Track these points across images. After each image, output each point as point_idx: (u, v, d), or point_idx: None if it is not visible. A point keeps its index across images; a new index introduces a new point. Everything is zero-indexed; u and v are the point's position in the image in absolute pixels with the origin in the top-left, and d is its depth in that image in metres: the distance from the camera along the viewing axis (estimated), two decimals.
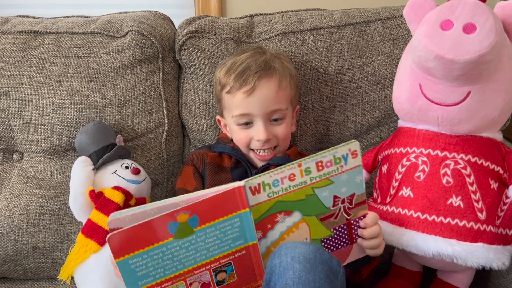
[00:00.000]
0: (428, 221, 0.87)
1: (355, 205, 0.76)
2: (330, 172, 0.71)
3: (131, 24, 1.10)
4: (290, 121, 0.99)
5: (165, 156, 1.13)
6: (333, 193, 0.73)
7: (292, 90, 0.97)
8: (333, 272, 0.67)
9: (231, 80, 0.94)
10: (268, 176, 0.69)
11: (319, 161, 0.70)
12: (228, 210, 0.66)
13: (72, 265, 0.90)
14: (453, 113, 0.88)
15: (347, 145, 0.71)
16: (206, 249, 0.67)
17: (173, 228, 0.63)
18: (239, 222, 0.67)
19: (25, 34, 1.11)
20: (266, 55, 0.98)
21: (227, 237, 0.68)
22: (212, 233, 0.66)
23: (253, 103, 0.92)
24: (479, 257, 0.84)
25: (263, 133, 0.93)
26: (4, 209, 1.03)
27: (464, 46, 0.80)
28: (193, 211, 0.63)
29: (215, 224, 0.66)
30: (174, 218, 0.62)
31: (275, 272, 0.66)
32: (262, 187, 0.69)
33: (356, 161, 0.72)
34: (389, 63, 1.10)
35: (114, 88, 1.08)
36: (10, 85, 1.07)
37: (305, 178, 0.70)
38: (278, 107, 0.93)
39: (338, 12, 1.16)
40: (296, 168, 0.69)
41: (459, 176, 0.88)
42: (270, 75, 0.93)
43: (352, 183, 0.74)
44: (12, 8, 1.60)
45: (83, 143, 1.00)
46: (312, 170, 0.70)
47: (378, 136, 1.12)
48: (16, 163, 1.10)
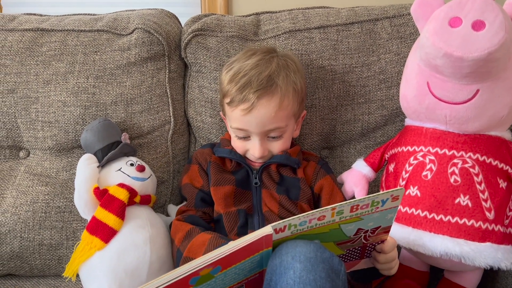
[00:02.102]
0: (435, 221, 0.87)
1: (377, 234, 0.73)
2: (363, 212, 0.68)
3: (138, 22, 1.10)
4: (290, 134, 0.97)
5: (171, 154, 1.13)
6: (358, 227, 0.70)
7: (294, 105, 0.94)
8: (334, 271, 0.66)
9: (232, 92, 0.91)
10: (297, 219, 0.65)
11: (355, 205, 0.66)
12: (252, 253, 0.65)
13: (77, 262, 0.90)
14: (461, 112, 0.87)
15: (391, 192, 0.67)
16: (222, 284, 0.65)
17: (194, 281, 0.61)
18: (259, 257, 0.66)
19: (32, 31, 1.11)
20: (272, 65, 0.92)
21: (245, 271, 0.67)
22: (232, 272, 0.65)
23: (250, 122, 0.91)
24: (487, 257, 0.83)
25: (258, 150, 0.93)
26: (11, 206, 1.03)
27: (473, 44, 0.79)
28: (217, 264, 0.61)
29: (236, 266, 0.64)
30: (197, 274, 0.60)
31: (276, 272, 0.65)
32: (288, 227, 0.66)
33: (394, 204, 0.68)
34: (397, 61, 1.09)
35: (120, 86, 1.08)
36: (17, 82, 1.07)
37: (335, 217, 0.67)
38: (276, 126, 0.92)
39: (345, 10, 1.16)
40: (329, 211, 0.65)
41: (467, 175, 0.87)
42: (271, 93, 0.89)
43: (381, 219, 0.70)
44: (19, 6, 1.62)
45: (89, 140, 1.00)
46: (345, 211, 0.66)
47: (385, 135, 1.12)
48: (23, 160, 1.10)
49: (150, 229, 0.93)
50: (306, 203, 0.95)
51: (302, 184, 0.95)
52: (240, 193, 0.95)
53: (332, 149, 1.15)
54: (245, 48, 1.08)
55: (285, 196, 0.94)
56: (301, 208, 0.94)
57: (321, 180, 0.97)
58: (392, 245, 0.76)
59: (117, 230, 0.90)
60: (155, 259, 0.90)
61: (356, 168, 1.04)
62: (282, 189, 0.95)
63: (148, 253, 0.90)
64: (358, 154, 1.12)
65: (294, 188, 0.95)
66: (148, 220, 0.95)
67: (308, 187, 0.96)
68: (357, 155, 1.12)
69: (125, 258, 0.88)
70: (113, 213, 0.90)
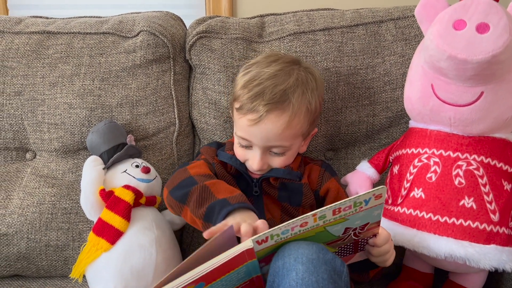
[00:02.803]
0: (440, 223, 0.87)
1: (367, 229, 0.73)
2: (347, 214, 0.67)
3: (143, 24, 1.11)
4: (294, 152, 0.93)
5: (176, 156, 1.14)
6: (345, 226, 0.70)
7: (304, 125, 0.89)
8: (336, 272, 0.66)
9: (243, 99, 0.87)
10: (278, 229, 0.65)
11: (336, 208, 0.65)
12: (234, 266, 0.64)
13: (83, 264, 0.91)
14: (466, 114, 0.87)
15: (372, 192, 0.66)
16: None
17: None
18: (245, 268, 0.66)
19: (38, 34, 1.12)
20: (291, 79, 0.87)
21: (232, 282, 0.66)
22: (218, 285, 0.64)
23: (254, 133, 0.87)
24: (492, 259, 0.83)
25: (256, 163, 0.89)
26: (18, 207, 1.04)
27: (477, 46, 0.79)
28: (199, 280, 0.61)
29: (221, 279, 0.64)
30: None
31: (278, 273, 0.65)
32: (270, 237, 0.66)
33: (379, 201, 0.67)
34: (402, 63, 1.09)
35: (126, 88, 1.09)
36: (23, 84, 1.08)
37: (318, 222, 0.66)
38: (280, 144, 0.88)
39: (350, 12, 1.16)
40: (310, 217, 0.65)
41: (471, 177, 0.87)
42: (282, 110, 0.85)
43: (368, 217, 0.69)
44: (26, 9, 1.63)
45: (94, 142, 1.01)
46: (327, 215, 0.66)
47: (389, 137, 1.12)
48: (29, 162, 1.11)
49: (155, 231, 0.93)
50: (309, 208, 0.94)
51: (305, 189, 0.94)
52: None
53: (336, 151, 1.15)
54: (269, 51, 1.07)
55: (287, 203, 0.93)
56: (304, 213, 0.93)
57: (327, 183, 0.96)
58: (384, 238, 0.76)
59: (123, 231, 0.91)
60: (161, 260, 0.91)
61: (360, 170, 1.04)
62: (283, 196, 0.93)
63: (154, 254, 0.90)
64: (363, 156, 1.12)
65: (296, 194, 0.93)
66: (154, 222, 0.95)
67: (311, 192, 0.95)
68: (362, 157, 1.12)
69: (131, 259, 0.89)
70: (119, 215, 0.91)
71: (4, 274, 1.06)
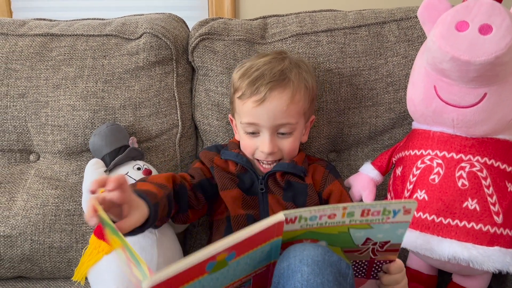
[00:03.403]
0: (443, 224, 0.86)
1: (386, 250, 0.72)
2: (373, 220, 0.67)
3: (146, 26, 1.11)
4: (300, 134, 0.96)
5: (179, 158, 1.14)
6: (367, 236, 0.69)
7: (306, 103, 0.94)
8: (342, 275, 0.66)
9: (243, 86, 0.92)
10: (308, 212, 0.65)
11: (366, 209, 0.66)
12: (263, 240, 0.65)
13: (85, 267, 0.91)
14: (469, 115, 0.86)
15: (403, 203, 0.66)
16: (234, 274, 0.66)
17: (210, 267, 0.61)
18: (269, 247, 0.67)
19: (41, 36, 1.13)
20: (285, 62, 0.94)
21: (254, 261, 0.67)
22: (244, 261, 0.65)
23: (261, 114, 0.90)
24: (496, 261, 0.83)
25: (267, 145, 0.91)
26: (21, 209, 1.04)
27: (480, 47, 0.79)
28: (233, 249, 0.62)
29: (249, 254, 0.65)
30: (214, 258, 0.61)
31: (283, 275, 0.65)
32: (298, 219, 0.66)
33: (406, 218, 0.67)
34: (404, 64, 1.09)
35: (129, 90, 1.09)
36: (27, 87, 1.09)
37: (345, 219, 0.66)
38: (287, 121, 0.91)
39: (352, 13, 1.16)
40: (340, 210, 0.65)
41: (475, 178, 0.87)
42: (284, 86, 0.90)
43: (391, 233, 0.69)
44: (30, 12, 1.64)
45: (96, 145, 1.01)
46: (356, 214, 0.66)
47: (392, 138, 1.11)
48: (33, 163, 1.12)
49: (157, 233, 0.93)
50: None
51: (310, 190, 0.94)
52: (247, 198, 0.95)
53: (339, 152, 1.15)
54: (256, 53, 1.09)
55: (291, 203, 0.93)
56: None
57: (330, 186, 0.96)
58: (398, 267, 0.75)
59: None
60: (162, 262, 0.91)
61: (363, 172, 1.04)
62: (288, 196, 0.94)
63: (155, 256, 0.90)
64: (366, 157, 1.12)
65: (301, 194, 0.94)
66: None
67: (316, 193, 0.95)
68: (365, 158, 1.11)
69: None
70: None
71: (8, 276, 1.07)
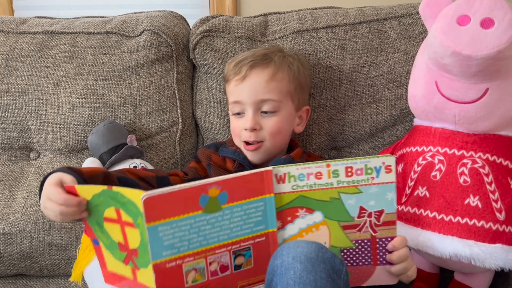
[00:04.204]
0: (444, 221, 0.85)
1: (383, 223, 0.73)
2: (359, 181, 0.70)
3: (146, 24, 1.11)
4: (287, 117, 0.95)
5: (179, 155, 1.14)
6: (360, 203, 0.71)
7: (290, 84, 0.95)
8: (335, 271, 0.66)
9: (229, 70, 0.97)
10: (295, 169, 0.69)
11: (349, 166, 0.69)
12: (255, 192, 0.68)
13: (80, 266, 0.91)
14: (471, 111, 0.86)
15: (381, 158, 0.69)
16: (230, 229, 0.68)
17: (203, 202, 0.65)
18: (263, 206, 0.69)
19: (42, 34, 1.13)
20: (271, 49, 0.98)
21: (250, 220, 0.69)
22: (238, 213, 0.68)
23: (243, 91, 0.93)
24: (498, 258, 0.82)
25: (249, 121, 0.92)
26: (21, 206, 1.04)
27: (481, 42, 0.78)
28: (224, 187, 0.65)
29: (241, 204, 0.67)
30: (206, 191, 0.64)
31: (277, 272, 0.65)
32: (288, 178, 0.70)
33: (389, 177, 0.70)
34: (405, 61, 1.08)
35: (129, 87, 1.09)
36: (27, 84, 1.09)
37: (332, 180, 0.70)
38: (268, 97, 0.92)
39: (353, 10, 1.15)
40: (324, 168, 0.69)
41: (476, 175, 0.86)
42: (265, 65, 0.94)
43: (382, 199, 0.71)
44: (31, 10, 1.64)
45: (94, 143, 1.01)
46: (340, 173, 0.70)
47: (394, 135, 1.10)
48: (33, 161, 1.12)
49: None
50: None
51: None
52: None
53: (340, 150, 1.14)
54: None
55: None
56: None
57: None
58: (402, 240, 0.74)
59: None
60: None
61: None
62: None
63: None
64: (367, 155, 1.11)
65: None
66: None
67: None
68: (366, 155, 1.11)
69: None
70: None
71: (8, 273, 1.07)
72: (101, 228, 0.70)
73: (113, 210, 0.66)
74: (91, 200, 0.68)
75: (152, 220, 0.61)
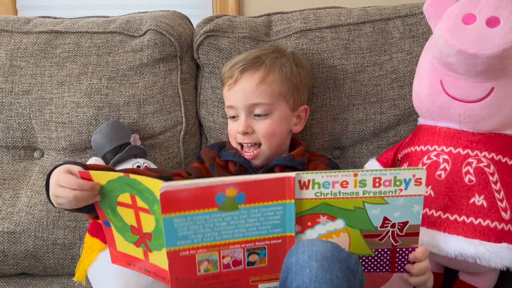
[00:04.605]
0: (450, 221, 0.85)
1: (406, 234, 0.71)
2: (387, 192, 0.68)
3: (150, 24, 1.11)
4: (280, 118, 0.94)
5: (183, 155, 1.13)
6: (384, 214, 0.69)
7: (282, 85, 0.94)
8: (351, 271, 0.65)
9: (224, 72, 0.98)
10: (320, 176, 0.67)
11: (377, 177, 0.67)
12: (275, 196, 0.67)
13: (83, 266, 0.91)
14: (476, 110, 0.85)
15: (412, 170, 0.67)
16: (245, 228, 0.68)
17: (220, 200, 0.65)
18: (282, 211, 0.68)
19: (46, 34, 1.13)
20: (266, 51, 0.97)
21: (267, 222, 0.68)
22: (255, 214, 0.67)
23: (234, 95, 0.94)
24: (504, 258, 0.82)
25: (241, 125, 0.93)
26: (25, 205, 1.04)
27: (487, 40, 0.78)
28: (242, 188, 0.65)
29: (259, 206, 0.67)
30: (223, 190, 0.64)
31: (292, 270, 0.64)
32: (312, 185, 0.67)
33: (418, 190, 0.67)
34: (409, 60, 1.08)
35: (133, 87, 1.09)
36: (31, 84, 1.09)
37: (358, 189, 0.68)
38: (259, 101, 0.92)
39: (357, 9, 1.15)
40: (351, 176, 0.67)
41: (482, 174, 0.85)
42: (256, 68, 0.93)
43: (408, 211, 0.69)
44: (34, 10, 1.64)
45: (98, 143, 1.01)
46: (368, 183, 0.67)
47: (398, 135, 1.10)
48: (37, 160, 1.12)
49: None
50: None
51: None
52: None
53: (343, 149, 1.14)
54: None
55: None
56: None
57: None
58: (424, 251, 0.73)
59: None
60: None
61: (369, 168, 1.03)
62: None
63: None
64: (371, 155, 1.11)
65: None
66: None
67: None
68: (370, 155, 1.10)
69: None
70: None
71: (12, 272, 1.06)
72: (113, 212, 0.72)
73: (127, 196, 0.68)
74: (105, 185, 0.70)
75: (167, 212, 0.63)
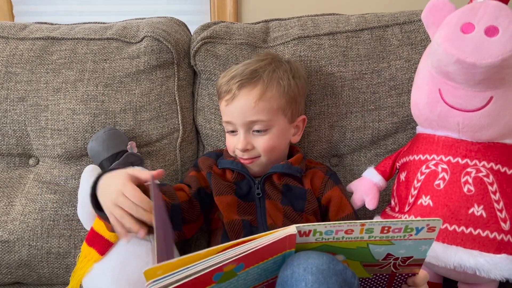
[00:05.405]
0: (448, 231, 0.84)
1: (408, 264, 0.70)
2: (394, 236, 0.64)
3: (147, 30, 1.11)
4: (279, 132, 0.94)
5: (179, 162, 1.13)
6: (388, 251, 0.67)
7: (280, 100, 0.92)
8: (347, 284, 0.64)
9: (220, 86, 0.96)
10: (323, 227, 0.64)
11: (386, 226, 0.63)
12: (275, 252, 0.65)
13: (78, 275, 0.90)
14: (475, 119, 0.85)
15: (427, 221, 0.63)
16: (244, 284, 0.65)
17: (217, 277, 0.61)
18: (282, 259, 0.66)
19: (42, 40, 1.12)
20: (263, 63, 0.95)
21: (267, 272, 0.66)
22: (254, 271, 0.65)
23: (232, 112, 0.92)
24: (503, 269, 0.81)
25: (240, 142, 0.92)
26: (19, 213, 1.03)
27: (486, 50, 0.77)
28: (241, 261, 0.61)
29: (259, 265, 0.64)
30: (221, 270, 0.60)
31: (287, 283, 0.63)
32: (313, 233, 0.65)
33: (430, 235, 0.64)
34: (408, 68, 1.07)
35: (130, 94, 1.08)
36: (27, 90, 1.08)
37: (363, 235, 0.64)
38: (257, 118, 0.91)
39: (355, 16, 1.15)
40: (358, 226, 0.64)
41: (481, 184, 0.85)
42: (254, 84, 0.91)
43: (414, 249, 0.66)
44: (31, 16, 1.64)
45: (94, 150, 1.00)
46: (375, 231, 0.64)
47: (396, 143, 1.10)
48: (32, 168, 1.11)
49: (152, 240, 0.92)
50: (312, 214, 0.92)
51: (309, 195, 0.93)
52: (243, 205, 0.93)
53: (341, 157, 1.13)
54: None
55: (289, 207, 0.92)
56: (307, 220, 0.92)
57: (329, 192, 0.95)
58: (424, 278, 0.72)
59: (113, 242, 0.89)
60: None
61: (366, 177, 1.02)
62: (286, 200, 0.93)
63: (150, 263, 0.89)
64: (369, 163, 1.10)
65: (299, 199, 0.93)
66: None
67: (315, 198, 0.94)
68: (368, 163, 1.10)
69: (127, 269, 0.87)
70: None
71: (5, 282, 1.05)
72: None
73: None
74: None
75: None
